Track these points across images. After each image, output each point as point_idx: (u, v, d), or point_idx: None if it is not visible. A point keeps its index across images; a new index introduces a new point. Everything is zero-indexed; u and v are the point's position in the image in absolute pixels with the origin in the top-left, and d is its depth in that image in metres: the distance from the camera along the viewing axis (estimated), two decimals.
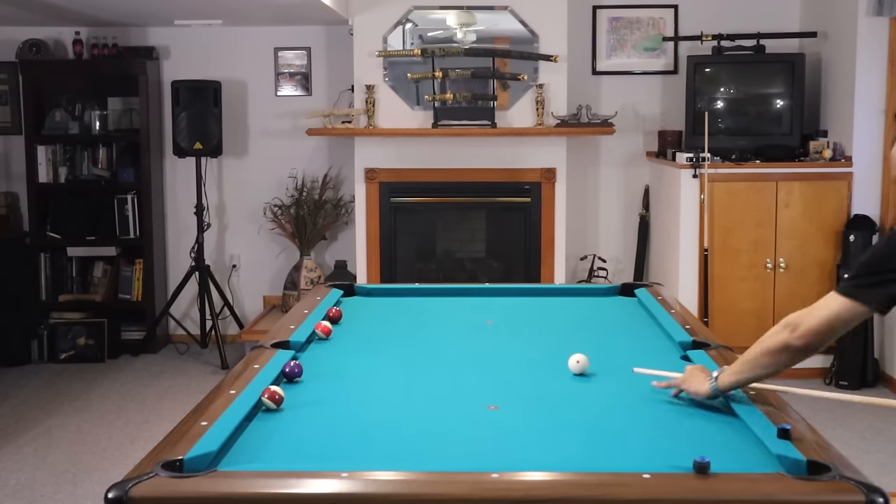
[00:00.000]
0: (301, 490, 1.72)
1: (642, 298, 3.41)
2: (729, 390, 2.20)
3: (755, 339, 2.22)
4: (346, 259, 6.17)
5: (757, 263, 5.43)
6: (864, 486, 1.69)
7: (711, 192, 5.39)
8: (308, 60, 6.21)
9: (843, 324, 2.08)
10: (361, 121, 5.79)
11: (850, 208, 5.40)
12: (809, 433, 1.98)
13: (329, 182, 6.20)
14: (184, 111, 5.79)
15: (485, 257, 6.26)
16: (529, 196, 5.83)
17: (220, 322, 6.09)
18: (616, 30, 6.11)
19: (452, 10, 5.78)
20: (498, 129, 5.70)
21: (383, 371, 2.60)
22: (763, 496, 1.71)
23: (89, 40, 6.04)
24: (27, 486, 4.03)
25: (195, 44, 6.19)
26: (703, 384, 2.23)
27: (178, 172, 6.30)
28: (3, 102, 6.24)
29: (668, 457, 1.88)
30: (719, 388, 2.20)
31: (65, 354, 5.96)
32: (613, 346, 2.87)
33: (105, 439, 4.59)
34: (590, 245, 6.28)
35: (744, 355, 2.22)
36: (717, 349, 2.66)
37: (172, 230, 6.38)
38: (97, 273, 6.19)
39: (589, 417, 2.19)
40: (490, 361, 2.70)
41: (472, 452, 1.95)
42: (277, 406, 2.17)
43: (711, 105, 5.72)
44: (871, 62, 5.30)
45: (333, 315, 3.11)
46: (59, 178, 6.04)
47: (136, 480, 1.71)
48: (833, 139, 5.52)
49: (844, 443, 4.40)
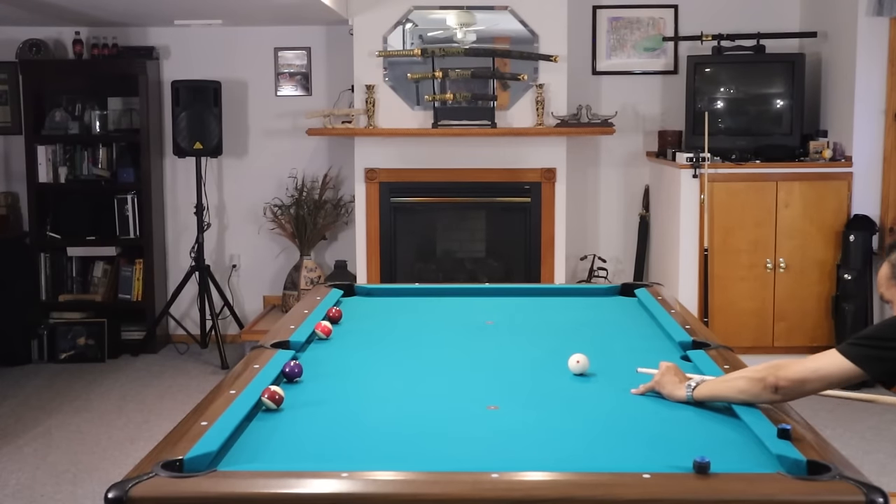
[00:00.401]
0: (301, 490, 1.72)
1: (642, 298, 3.41)
2: (702, 402, 2.21)
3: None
4: (346, 259, 6.17)
5: (757, 263, 5.43)
6: (864, 486, 1.69)
7: (711, 192, 5.39)
8: (308, 60, 6.21)
9: (835, 381, 2.10)
10: (361, 121, 5.80)
11: (850, 208, 5.41)
12: (809, 433, 1.97)
13: (329, 182, 6.21)
14: (184, 111, 5.79)
15: (485, 257, 6.26)
16: (529, 196, 5.83)
17: (220, 322, 6.09)
18: (616, 30, 6.11)
19: (452, 10, 5.78)
20: (498, 129, 5.70)
21: (383, 371, 2.60)
22: (763, 496, 1.71)
23: (89, 40, 6.04)
24: (27, 486, 4.03)
25: (195, 44, 6.19)
26: (678, 389, 2.24)
27: (178, 172, 6.30)
28: (3, 102, 6.24)
29: (668, 457, 1.88)
30: (694, 398, 2.21)
31: (65, 354, 5.96)
32: (613, 346, 2.87)
33: (105, 439, 4.59)
34: (590, 245, 6.28)
35: (728, 373, 2.26)
36: (717, 349, 2.66)
37: (172, 230, 6.38)
38: (97, 273, 6.19)
39: (589, 417, 2.19)
40: (490, 361, 2.70)
41: (472, 452, 1.95)
42: (277, 406, 2.17)
43: (711, 105, 5.73)
44: (871, 62, 5.30)
45: (333, 315, 3.11)
46: (59, 178, 6.04)
47: (136, 480, 1.71)
48: (833, 139, 5.52)
49: (844, 443, 4.40)
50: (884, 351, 2.06)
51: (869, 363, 2.06)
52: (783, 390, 2.09)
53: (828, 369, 2.09)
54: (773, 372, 2.10)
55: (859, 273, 5.27)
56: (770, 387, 2.09)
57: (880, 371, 2.07)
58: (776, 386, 2.09)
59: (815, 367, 2.10)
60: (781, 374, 2.09)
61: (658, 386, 2.29)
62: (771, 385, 2.09)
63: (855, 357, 2.06)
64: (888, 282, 2.22)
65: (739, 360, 2.57)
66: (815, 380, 2.10)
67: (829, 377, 2.09)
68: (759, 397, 2.12)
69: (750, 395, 2.12)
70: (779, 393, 2.10)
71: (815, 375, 2.09)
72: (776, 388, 2.09)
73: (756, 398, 2.12)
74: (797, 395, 2.12)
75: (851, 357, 2.07)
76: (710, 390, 2.21)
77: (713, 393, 2.20)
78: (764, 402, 2.12)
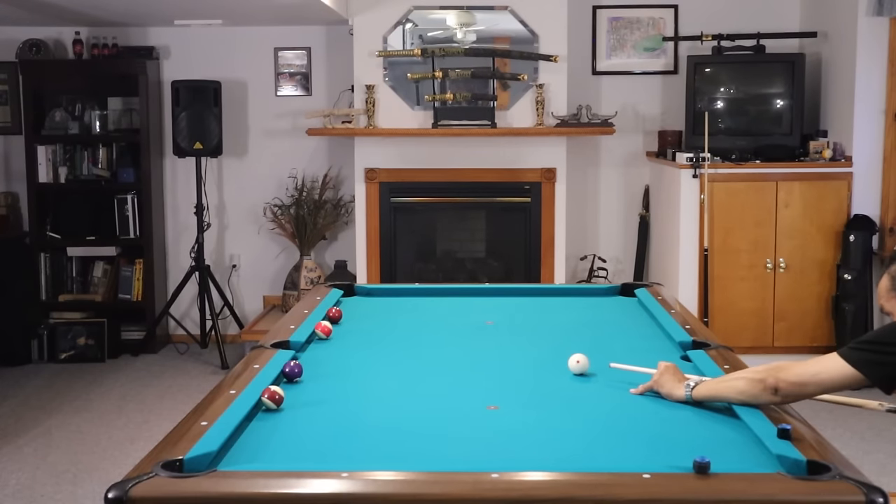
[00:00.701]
0: (301, 490, 1.72)
1: (642, 298, 3.41)
2: (701, 401, 2.22)
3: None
4: (346, 259, 6.17)
5: (757, 263, 5.43)
6: (864, 486, 1.69)
7: (711, 192, 5.39)
8: (308, 60, 6.21)
9: (835, 385, 2.12)
10: (361, 121, 5.80)
11: (850, 208, 5.41)
12: (809, 433, 1.98)
13: (329, 182, 6.20)
14: (184, 111, 5.79)
15: (485, 257, 6.26)
16: (529, 196, 5.83)
17: (220, 322, 6.09)
18: (616, 30, 6.11)
19: (452, 10, 5.78)
20: (498, 129, 5.70)
21: (383, 371, 2.60)
22: (763, 496, 1.71)
23: (89, 40, 6.04)
24: (27, 486, 4.03)
25: (195, 44, 6.19)
26: (677, 388, 2.25)
27: (178, 172, 6.30)
28: (3, 102, 6.24)
29: (668, 457, 1.87)
30: (693, 398, 2.22)
31: (65, 354, 5.96)
32: (613, 346, 2.87)
33: (105, 439, 4.59)
34: (590, 245, 6.28)
35: (728, 374, 2.29)
36: (717, 349, 2.66)
37: (172, 230, 6.38)
38: (97, 273, 6.19)
39: (589, 417, 2.19)
40: (490, 361, 2.70)
41: (472, 452, 1.95)
42: (277, 406, 2.17)
43: (711, 105, 5.72)
44: (871, 62, 5.30)
45: (333, 315, 3.11)
46: (59, 178, 6.04)
47: (136, 480, 1.71)
48: (833, 139, 5.52)
49: (844, 443, 4.40)
50: (884, 356, 2.08)
51: (869, 367, 2.08)
52: (783, 392, 2.11)
53: (828, 373, 2.10)
54: (773, 374, 2.11)
55: (859, 273, 5.27)
56: (770, 388, 2.11)
57: (880, 375, 2.09)
58: (776, 388, 2.10)
59: (815, 370, 2.12)
60: (782, 375, 2.11)
61: (657, 385, 2.29)
62: (771, 387, 2.11)
63: (856, 361, 2.08)
64: (888, 293, 2.24)
65: (739, 360, 2.58)
66: (815, 383, 2.12)
67: (830, 380, 2.11)
68: (759, 398, 2.13)
69: (749, 396, 2.13)
70: (778, 395, 2.11)
71: (815, 379, 2.11)
72: (776, 389, 2.10)
73: (755, 399, 2.13)
74: (797, 398, 2.14)
75: (852, 361, 2.08)
76: (709, 390, 2.22)
77: (712, 393, 2.21)
78: (763, 403, 2.13)
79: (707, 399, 2.21)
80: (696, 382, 2.25)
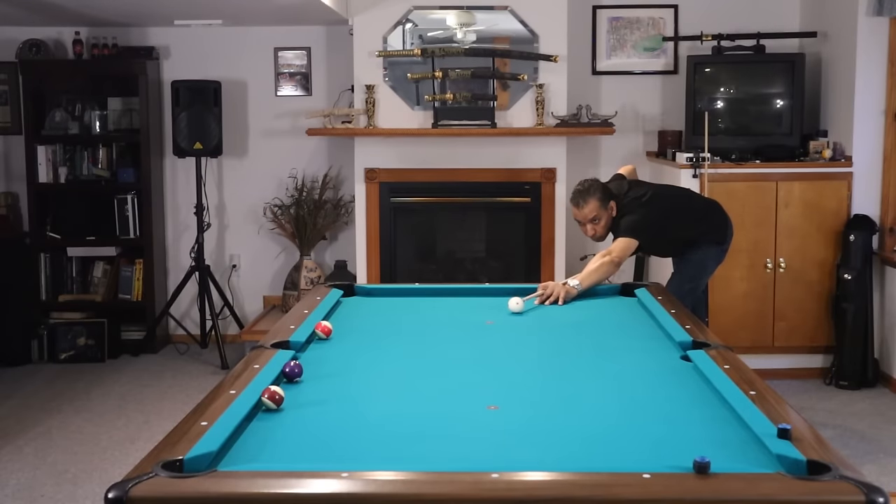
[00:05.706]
0: (301, 490, 1.72)
1: (642, 298, 3.42)
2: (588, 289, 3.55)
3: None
4: (346, 259, 6.17)
5: (757, 263, 5.43)
6: (864, 486, 1.69)
7: (711, 192, 5.38)
8: (308, 60, 6.21)
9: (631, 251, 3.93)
10: (361, 121, 5.79)
11: (850, 208, 5.40)
12: (809, 433, 1.98)
13: (329, 182, 6.20)
14: (184, 111, 5.79)
15: (485, 257, 6.25)
16: (529, 196, 5.83)
17: (220, 322, 6.09)
18: (616, 30, 6.11)
19: (452, 10, 5.78)
20: (498, 129, 5.70)
21: (383, 371, 2.60)
22: (763, 496, 1.71)
23: (89, 40, 6.04)
24: (27, 486, 4.03)
25: (195, 44, 6.19)
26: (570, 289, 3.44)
27: (178, 172, 6.30)
28: (3, 102, 6.24)
29: (668, 457, 1.88)
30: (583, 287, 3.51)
31: (65, 354, 5.96)
32: (613, 346, 2.87)
33: (105, 439, 4.59)
34: (590, 245, 6.26)
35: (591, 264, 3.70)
36: (716, 349, 2.66)
37: (172, 230, 6.38)
38: (97, 273, 6.19)
39: (589, 417, 2.19)
40: (490, 361, 2.70)
41: (472, 452, 1.95)
42: (277, 406, 2.18)
43: (711, 105, 5.72)
44: (871, 62, 5.30)
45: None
46: (59, 178, 6.04)
47: (136, 480, 1.71)
48: (833, 139, 5.52)
49: (844, 443, 4.40)
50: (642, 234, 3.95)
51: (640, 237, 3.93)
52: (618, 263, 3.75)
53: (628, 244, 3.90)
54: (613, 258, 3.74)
55: (859, 273, 5.27)
56: (616, 264, 3.74)
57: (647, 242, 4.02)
58: (618, 262, 3.77)
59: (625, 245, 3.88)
60: (616, 255, 3.77)
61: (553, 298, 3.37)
62: (616, 264, 3.74)
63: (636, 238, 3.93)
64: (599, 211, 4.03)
65: (740, 360, 2.57)
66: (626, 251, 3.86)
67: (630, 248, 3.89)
68: (612, 273, 3.74)
69: (610, 274, 3.73)
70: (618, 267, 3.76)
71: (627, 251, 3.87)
72: (618, 264, 3.76)
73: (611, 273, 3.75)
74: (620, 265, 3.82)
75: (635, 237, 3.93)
76: (590, 281, 3.56)
77: (593, 281, 3.58)
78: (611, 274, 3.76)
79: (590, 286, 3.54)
80: (579, 280, 3.50)
